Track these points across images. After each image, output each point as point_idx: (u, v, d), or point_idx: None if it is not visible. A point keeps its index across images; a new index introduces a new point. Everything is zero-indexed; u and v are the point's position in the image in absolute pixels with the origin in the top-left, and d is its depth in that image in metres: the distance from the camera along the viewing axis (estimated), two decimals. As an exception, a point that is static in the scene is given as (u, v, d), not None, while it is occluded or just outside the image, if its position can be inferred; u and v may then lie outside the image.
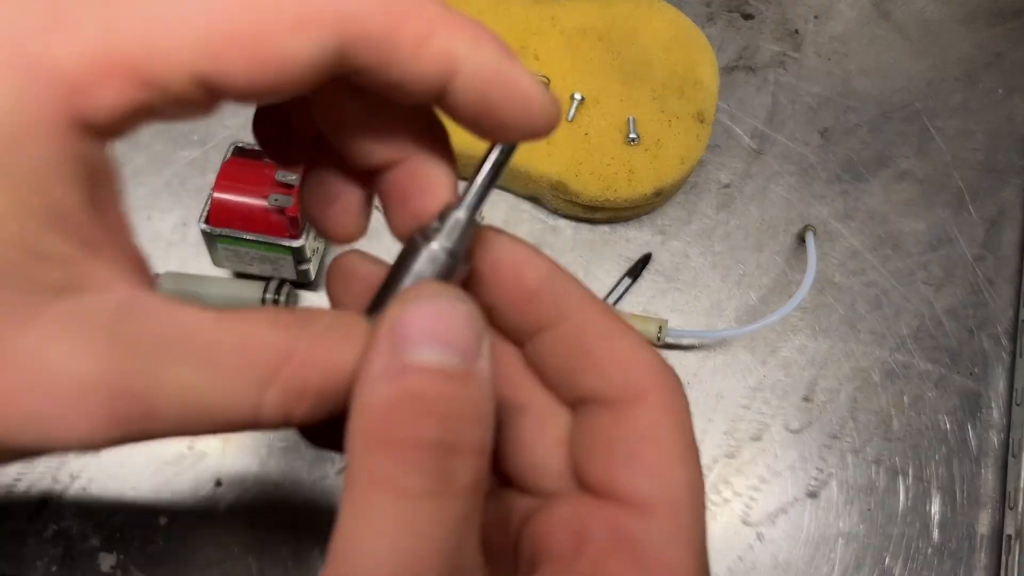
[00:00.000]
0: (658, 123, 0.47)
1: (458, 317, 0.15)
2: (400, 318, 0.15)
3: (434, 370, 0.15)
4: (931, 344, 0.48)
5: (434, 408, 0.14)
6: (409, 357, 0.15)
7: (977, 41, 0.56)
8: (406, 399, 0.14)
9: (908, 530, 0.44)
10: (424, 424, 0.14)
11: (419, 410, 0.14)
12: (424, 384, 0.14)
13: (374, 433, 0.14)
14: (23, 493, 0.42)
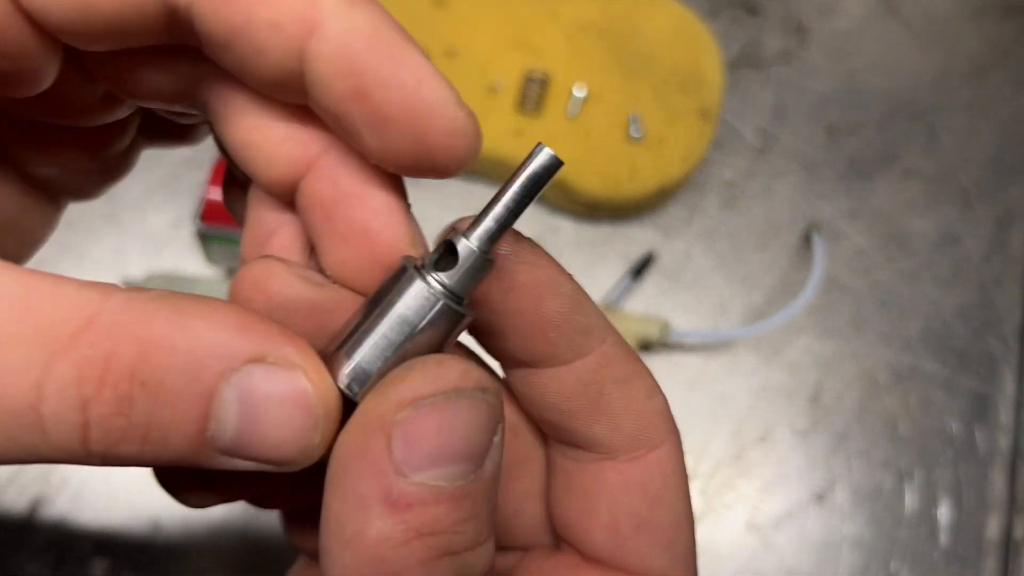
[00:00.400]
0: (661, 120, 0.46)
1: (474, 421, 0.12)
2: (400, 430, 0.12)
3: (442, 494, 0.12)
4: (938, 345, 0.47)
5: (451, 540, 0.12)
6: (413, 480, 0.12)
7: (985, 38, 0.55)
8: (411, 537, 0.12)
9: (915, 534, 0.43)
10: (442, 568, 0.12)
11: (435, 550, 0.12)
12: (437, 517, 0.12)
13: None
14: (15, 498, 0.41)
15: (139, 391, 0.11)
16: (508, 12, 0.47)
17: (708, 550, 0.42)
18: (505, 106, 0.46)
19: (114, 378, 0.11)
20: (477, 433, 0.12)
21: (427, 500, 0.12)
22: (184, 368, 0.11)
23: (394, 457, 0.12)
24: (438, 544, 0.12)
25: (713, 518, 0.43)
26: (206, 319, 0.12)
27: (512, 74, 0.46)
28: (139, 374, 0.11)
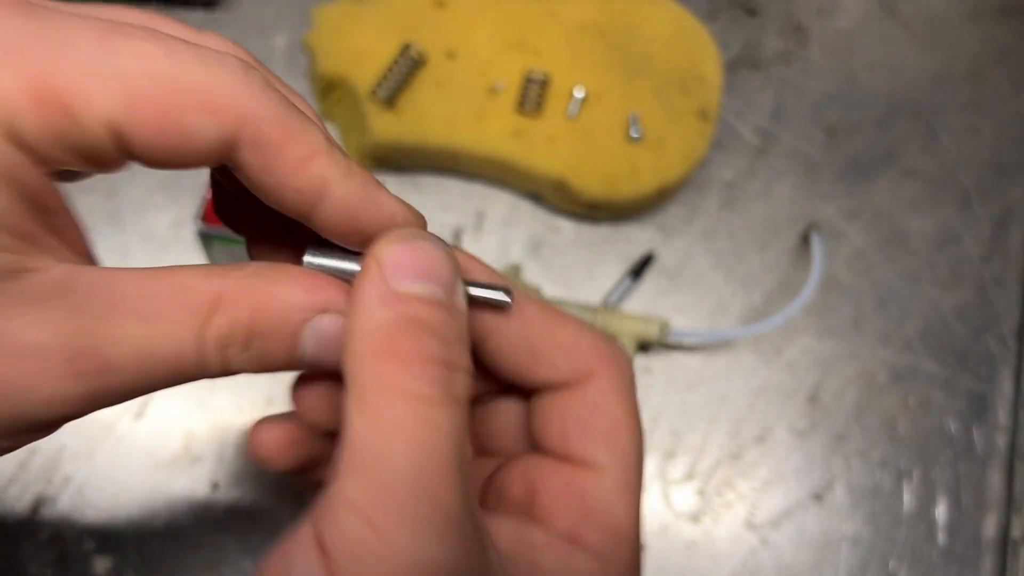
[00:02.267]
0: (660, 120, 0.46)
1: (439, 256, 0.18)
2: (389, 254, 0.17)
3: (424, 298, 0.17)
4: (937, 345, 0.47)
5: (433, 330, 0.17)
6: (402, 287, 0.17)
7: (985, 37, 0.55)
8: (406, 321, 0.17)
9: (913, 533, 0.43)
10: (428, 342, 0.17)
11: (421, 331, 0.17)
12: (420, 310, 0.17)
13: (382, 349, 0.17)
14: (17, 496, 0.42)
15: (255, 336, 0.18)
16: (508, 13, 0.48)
17: (706, 549, 0.42)
18: (505, 106, 0.46)
19: (240, 332, 0.18)
20: (444, 264, 0.17)
21: (412, 299, 0.17)
22: (279, 320, 0.18)
23: (384, 274, 0.17)
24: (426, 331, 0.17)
25: (711, 517, 0.43)
26: (289, 285, 0.18)
27: (512, 75, 0.46)
28: (254, 326, 0.18)
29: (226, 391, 0.44)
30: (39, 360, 0.16)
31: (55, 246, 0.17)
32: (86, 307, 0.17)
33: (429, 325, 0.17)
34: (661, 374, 0.45)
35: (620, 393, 0.19)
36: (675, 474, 0.44)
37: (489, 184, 0.49)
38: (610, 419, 0.19)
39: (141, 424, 0.43)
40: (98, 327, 0.17)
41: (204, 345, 0.18)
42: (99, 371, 0.17)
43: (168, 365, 0.18)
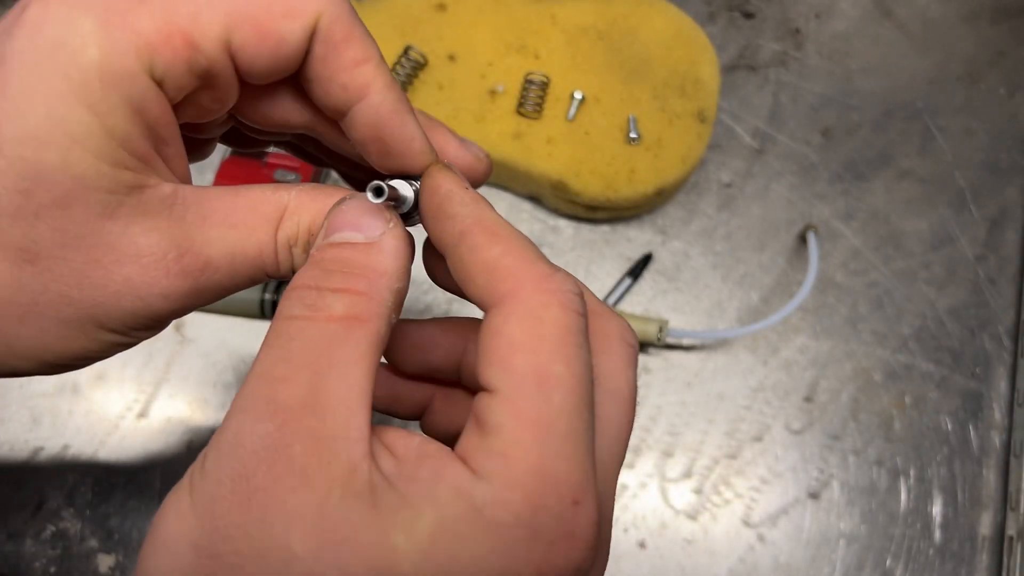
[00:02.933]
0: (659, 122, 0.47)
1: (360, 207, 0.21)
2: (329, 216, 0.21)
3: (335, 243, 0.20)
4: (933, 344, 0.47)
5: (321, 264, 0.20)
6: (329, 239, 0.21)
7: (980, 40, 0.55)
8: (310, 263, 0.20)
9: (909, 531, 0.44)
10: (309, 274, 0.20)
11: (310, 267, 0.20)
12: (323, 252, 0.20)
13: (288, 288, 0.20)
14: (21, 494, 0.42)
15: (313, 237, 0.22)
16: (508, 16, 0.48)
17: (704, 546, 0.43)
18: (505, 108, 0.46)
19: (302, 233, 0.22)
20: (365, 213, 0.21)
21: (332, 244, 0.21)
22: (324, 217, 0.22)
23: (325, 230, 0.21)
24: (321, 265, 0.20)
25: (709, 515, 0.43)
26: (336, 195, 0.22)
27: (512, 77, 0.47)
28: (312, 227, 0.22)
29: (228, 390, 0.44)
30: (156, 261, 0.21)
31: (164, 169, 0.21)
32: (187, 218, 0.21)
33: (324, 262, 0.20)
34: (659, 373, 0.46)
35: (524, 315, 0.18)
36: (673, 472, 0.44)
37: (489, 185, 0.50)
38: (508, 341, 0.18)
39: (144, 423, 0.43)
40: (198, 233, 0.21)
41: (278, 244, 0.22)
42: (201, 269, 0.21)
43: (251, 263, 0.22)
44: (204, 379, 0.44)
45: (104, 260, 0.20)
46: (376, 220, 0.21)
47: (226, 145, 0.27)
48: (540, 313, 0.18)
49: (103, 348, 0.21)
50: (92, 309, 0.20)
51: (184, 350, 0.45)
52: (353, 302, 0.19)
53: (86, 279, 0.20)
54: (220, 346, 0.45)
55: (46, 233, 0.19)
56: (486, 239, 0.20)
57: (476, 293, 0.19)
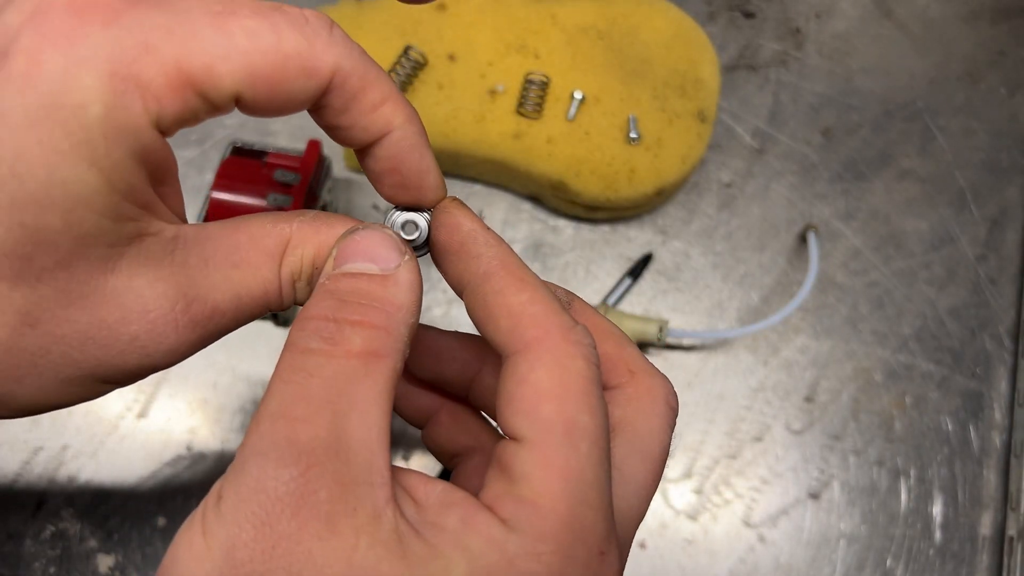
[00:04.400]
0: (659, 122, 0.47)
1: (375, 237, 0.21)
2: (340, 245, 0.21)
3: (351, 273, 0.20)
4: (933, 344, 0.47)
5: (337, 295, 0.20)
6: (338, 269, 0.20)
7: (980, 39, 0.55)
8: (320, 292, 0.20)
9: (910, 531, 0.44)
10: (323, 305, 0.19)
11: (325, 297, 0.20)
12: (338, 283, 0.20)
13: (299, 317, 0.20)
14: (21, 494, 0.42)
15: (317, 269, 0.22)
16: (508, 16, 0.48)
17: (705, 547, 0.43)
18: (505, 108, 0.46)
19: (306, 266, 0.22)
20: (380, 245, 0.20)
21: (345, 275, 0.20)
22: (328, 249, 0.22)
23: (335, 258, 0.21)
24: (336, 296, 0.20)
25: (710, 515, 0.43)
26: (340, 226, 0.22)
27: (512, 77, 0.47)
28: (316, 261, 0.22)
29: (228, 390, 0.44)
30: (164, 315, 0.20)
31: (163, 210, 0.21)
32: (190, 262, 0.21)
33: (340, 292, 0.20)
34: (660, 373, 0.46)
35: (552, 364, 0.18)
36: (673, 473, 0.44)
37: (489, 185, 0.50)
38: (535, 390, 0.18)
39: (144, 423, 0.43)
40: (203, 278, 0.21)
41: (282, 279, 0.22)
42: (209, 316, 0.21)
43: (257, 301, 0.22)
44: (204, 379, 0.44)
45: (109, 320, 0.20)
46: (392, 252, 0.20)
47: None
48: (567, 363, 0.18)
49: (98, 395, 0.21)
50: (95, 368, 0.20)
51: (184, 350, 0.45)
52: (371, 337, 0.19)
53: (89, 340, 0.20)
54: (220, 346, 0.45)
55: (49, 295, 0.19)
56: (513, 284, 0.20)
57: (497, 335, 0.19)
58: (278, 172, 0.42)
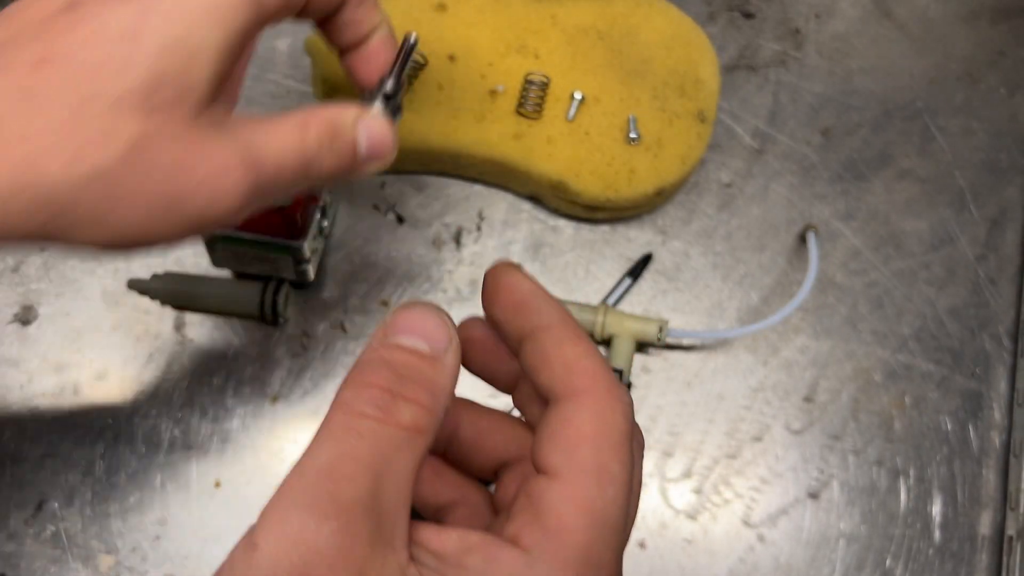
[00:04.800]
0: (659, 122, 0.47)
1: (431, 319, 0.21)
2: (393, 317, 0.22)
3: (406, 348, 0.21)
4: (933, 344, 0.47)
5: (393, 367, 0.20)
6: (392, 340, 0.21)
7: (980, 40, 0.55)
8: (376, 360, 0.21)
9: (909, 531, 0.44)
10: (381, 374, 0.20)
11: (382, 366, 0.20)
12: (393, 354, 0.21)
13: (352, 378, 0.20)
14: (22, 493, 0.42)
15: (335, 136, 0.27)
16: (508, 16, 0.48)
17: (704, 546, 0.43)
18: (505, 109, 0.46)
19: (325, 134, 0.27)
20: (434, 326, 0.21)
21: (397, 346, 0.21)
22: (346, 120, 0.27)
23: (386, 329, 0.22)
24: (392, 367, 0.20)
25: (709, 515, 0.43)
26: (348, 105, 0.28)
27: (512, 77, 0.47)
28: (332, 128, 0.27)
29: (229, 389, 0.44)
30: (228, 164, 0.24)
31: (227, 88, 0.25)
32: (245, 130, 0.25)
33: (394, 363, 0.20)
34: (659, 373, 0.46)
35: (596, 413, 0.20)
36: (673, 472, 0.44)
37: (489, 186, 0.50)
38: (578, 432, 0.20)
39: (145, 422, 0.44)
40: (254, 143, 0.25)
41: (308, 145, 0.26)
42: (262, 175, 0.25)
43: (295, 162, 0.26)
44: (204, 379, 0.44)
45: (190, 161, 0.24)
46: (442, 333, 0.21)
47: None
48: (608, 415, 0.20)
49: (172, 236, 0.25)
50: (175, 201, 0.24)
51: (184, 350, 0.45)
52: (419, 414, 0.20)
53: (175, 174, 0.24)
54: (220, 346, 0.45)
55: (156, 129, 0.23)
56: (571, 338, 0.22)
57: (550, 381, 0.21)
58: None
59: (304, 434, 0.44)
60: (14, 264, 0.46)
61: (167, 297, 0.45)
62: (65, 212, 0.23)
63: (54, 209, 0.23)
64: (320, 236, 0.45)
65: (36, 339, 0.45)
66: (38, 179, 0.22)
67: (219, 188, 0.24)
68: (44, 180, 0.22)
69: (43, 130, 0.22)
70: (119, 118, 0.22)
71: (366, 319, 0.46)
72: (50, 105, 0.22)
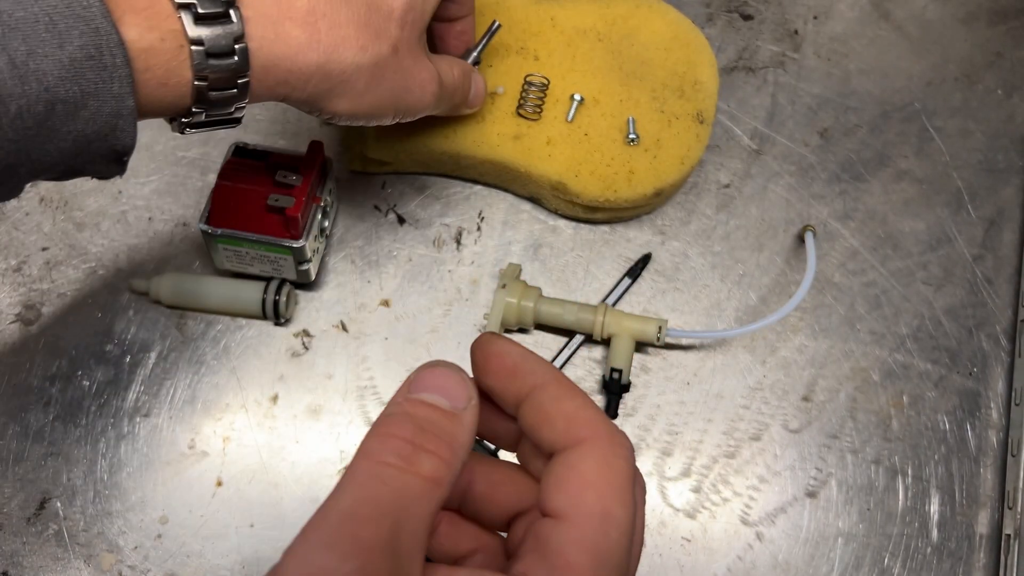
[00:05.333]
0: (658, 123, 0.47)
1: (452, 378, 0.22)
2: (417, 374, 0.23)
3: (428, 403, 0.22)
4: (930, 344, 0.48)
5: (416, 421, 0.21)
6: (415, 396, 0.22)
7: (977, 41, 0.56)
8: (400, 413, 0.22)
9: (907, 530, 0.44)
10: (405, 427, 0.21)
11: (406, 420, 0.21)
12: (416, 408, 0.22)
13: (376, 428, 0.21)
14: (24, 493, 0.42)
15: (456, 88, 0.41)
16: (508, 18, 0.48)
17: (703, 544, 0.43)
18: (505, 110, 0.47)
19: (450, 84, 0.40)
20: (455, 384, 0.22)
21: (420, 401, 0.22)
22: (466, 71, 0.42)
23: (410, 385, 0.23)
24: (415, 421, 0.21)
25: (708, 513, 0.44)
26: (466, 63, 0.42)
27: (512, 79, 0.47)
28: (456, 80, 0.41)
29: (230, 389, 0.45)
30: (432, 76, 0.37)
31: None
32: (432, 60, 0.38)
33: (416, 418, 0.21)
34: (658, 373, 0.46)
35: (599, 460, 0.21)
36: (672, 471, 0.44)
37: (489, 186, 0.50)
38: (582, 478, 0.21)
39: (147, 421, 0.44)
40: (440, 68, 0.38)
41: (456, 78, 0.39)
42: (442, 87, 0.38)
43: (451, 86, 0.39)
44: (204, 379, 0.45)
45: (414, 68, 0.36)
46: (462, 391, 0.22)
47: None
48: (611, 461, 0.21)
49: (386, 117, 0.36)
50: (402, 92, 0.36)
51: (185, 349, 0.45)
52: (438, 466, 0.21)
53: (407, 74, 0.35)
54: (221, 346, 0.45)
55: (404, 38, 0.34)
56: (567, 392, 0.23)
57: (551, 435, 0.22)
58: (280, 173, 0.42)
59: (305, 434, 0.44)
60: (16, 264, 0.47)
61: (169, 298, 0.45)
62: (338, 86, 0.33)
63: (333, 83, 0.32)
64: (321, 236, 0.45)
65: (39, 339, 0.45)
66: (337, 60, 0.32)
67: (426, 90, 0.37)
68: (340, 61, 0.32)
69: (347, 22, 0.32)
70: (390, 24, 0.33)
71: (367, 319, 0.46)
72: (351, 6, 0.32)
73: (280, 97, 0.33)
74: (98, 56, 0.26)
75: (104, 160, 0.29)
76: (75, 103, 0.26)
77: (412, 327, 0.46)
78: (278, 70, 0.31)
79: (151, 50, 0.28)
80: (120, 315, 0.46)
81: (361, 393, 0.45)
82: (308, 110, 0.34)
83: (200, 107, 0.30)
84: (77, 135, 0.27)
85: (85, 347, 0.45)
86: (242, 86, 0.30)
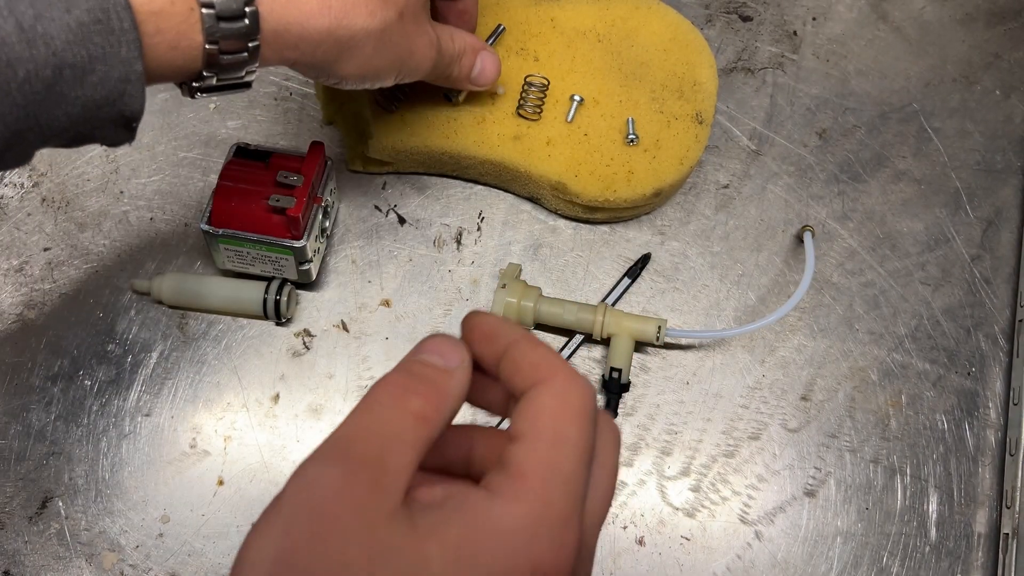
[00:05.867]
0: (657, 124, 0.47)
1: (448, 343, 0.26)
2: (421, 343, 0.26)
3: (423, 361, 0.25)
4: (929, 344, 0.48)
5: (410, 372, 0.25)
6: (415, 357, 0.25)
7: (975, 42, 0.56)
8: (399, 368, 0.25)
9: (906, 529, 0.44)
10: (400, 375, 0.25)
11: (402, 371, 0.25)
12: (412, 365, 0.25)
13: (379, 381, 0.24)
14: (26, 492, 0.42)
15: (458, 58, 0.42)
16: (507, 19, 0.49)
17: (701, 544, 0.43)
18: (505, 110, 0.47)
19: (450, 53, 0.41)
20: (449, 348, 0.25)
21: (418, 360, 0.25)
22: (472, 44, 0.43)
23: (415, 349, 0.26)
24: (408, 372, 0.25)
25: (707, 512, 0.44)
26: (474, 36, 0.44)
27: (512, 80, 0.47)
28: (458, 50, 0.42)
29: (231, 389, 0.45)
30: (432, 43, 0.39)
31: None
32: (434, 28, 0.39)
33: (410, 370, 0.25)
34: (657, 372, 0.46)
35: (556, 393, 0.24)
36: (671, 470, 0.45)
37: (489, 186, 0.50)
38: (538, 405, 0.24)
39: (149, 421, 0.44)
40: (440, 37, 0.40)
41: (442, 59, 0.40)
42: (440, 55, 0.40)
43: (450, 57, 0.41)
44: (206, 378, 0.45)
45: (416, 33, 0.37)
46: (455, 354, 0.25)
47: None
48: (566, 395, 0.24)
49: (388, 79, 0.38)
50: (404, 55, 0.37)
51: (187, 349, 0.45)
52: (425, 406, 0.24)
53: (409, 39, 0.37)
54: (223, 345, 0.46)
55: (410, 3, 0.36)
56: (532, 346, 0.25)
57: (521, 380, 0.25)
58: (281, 173, 0.42)
59: (306, 432, 0.44)
60: (18, 264, 0.47)
61: (170, 298, 0.45)
62: (347, 51, 0.34)
63: (342, 48, 0.33)
64: (322, 236, 0.45)
65: (40, 338, 0.45)
66: (347, 25, 0.33)
67: (425, 56, 0.38)
68: (350, 27, 0.33)
69: None
70: None
71: (368, 318, 0.47)
72: None
73: (289, 62, 0.33)
74: (105, 20, 0.26)
75: (113, 126, 0.29)
76: (83, 67, 0.26)
77: (413, 327, 0.47)
78: (289, 35, 0.32)
79: (161, 13, 0.28)
80: (122, 315, 0.46)
81: (362, 393, 0.45)
82: (315, 75, 0.35)
83: (211, 71, 0.31)
84: (86, 100, 0.27)
85: (87, 347, 0.45)
86: (252, 50, 0.31)
